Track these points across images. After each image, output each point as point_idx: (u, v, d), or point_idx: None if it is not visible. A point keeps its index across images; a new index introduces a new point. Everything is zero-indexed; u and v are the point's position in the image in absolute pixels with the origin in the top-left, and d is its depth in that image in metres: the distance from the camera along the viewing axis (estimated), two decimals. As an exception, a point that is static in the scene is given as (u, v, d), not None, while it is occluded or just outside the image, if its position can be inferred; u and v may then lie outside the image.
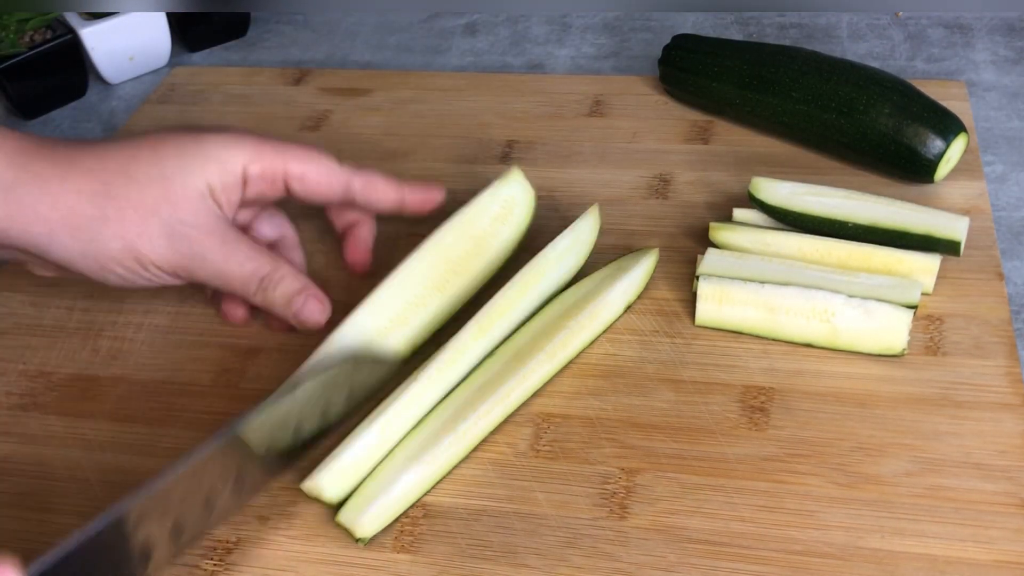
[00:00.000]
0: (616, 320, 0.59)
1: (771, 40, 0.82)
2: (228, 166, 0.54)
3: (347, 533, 0.49)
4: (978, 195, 0.64)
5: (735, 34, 0.84)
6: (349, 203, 0.59)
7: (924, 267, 0.57)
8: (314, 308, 0.56)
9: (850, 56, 0.79)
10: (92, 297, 0.65)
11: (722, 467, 0.51)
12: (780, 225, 0.61)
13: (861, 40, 0.82)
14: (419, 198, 0.60)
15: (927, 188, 0.65)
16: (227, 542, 0.51)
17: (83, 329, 0.63)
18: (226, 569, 0.49)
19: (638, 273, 0.59)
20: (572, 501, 0.50)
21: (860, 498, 0.49)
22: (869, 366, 0.55)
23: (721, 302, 0.56)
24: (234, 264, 0.54)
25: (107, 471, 0.54)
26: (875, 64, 0.78)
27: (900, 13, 0.84)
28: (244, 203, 0.57)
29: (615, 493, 0.50)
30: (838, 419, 0.52)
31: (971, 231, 0.60)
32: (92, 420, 0.57)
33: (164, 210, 0.51)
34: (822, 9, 0.85)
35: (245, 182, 0.55)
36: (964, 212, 0.62)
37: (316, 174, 0.57)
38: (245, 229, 0.60)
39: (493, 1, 0.90)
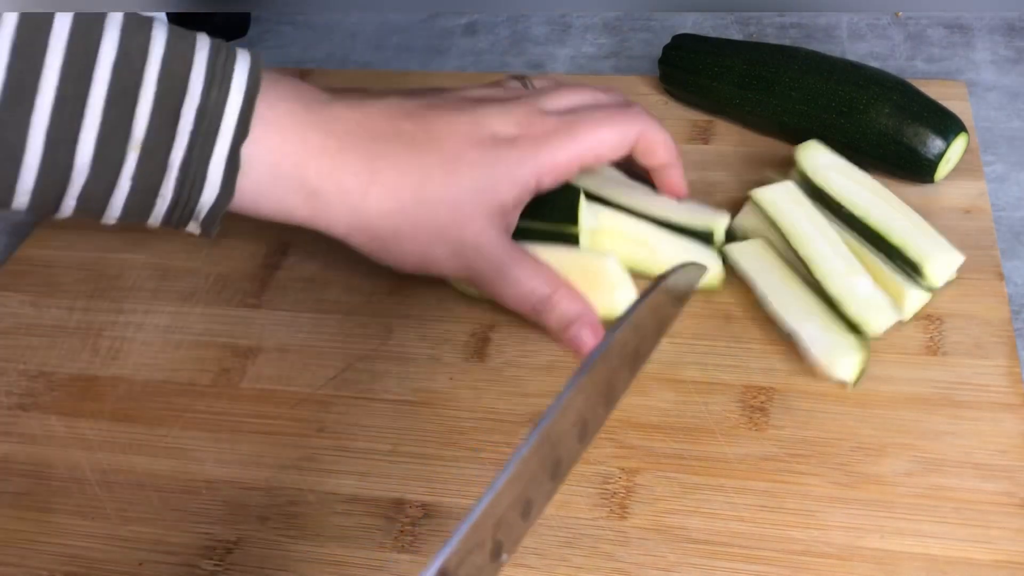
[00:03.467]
0: (616, 320, 0.59)
1: (771, 40, 0.82)
2: (522, 184, 0.53)
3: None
4: (978, 195, 0.64)
5: (735, 34, 0.84)
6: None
7: (911, 294, 0.56)
8: (588, 337, 0.52)
9: (850, 56, 0.79)
10: (92, 297, 0.65)
11: (722, 467, 0.51)
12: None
13: (861, 40, 0.82)
14: (676, 182, 0.60)
15: (927, 188, 0.65)
16: (227, 542, 0.51)
17: (83, 329, 0.63)
18: (226, 569, 0.49)
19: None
20: (572, 501, 0.50)
21: (860, 498, 0.49)
22: (869, 366, 0.55)
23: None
24: (511, 286, 0.53)
25: (107, 471, 0.54)
26: (875, 64, 0.78)
27: (900, 13, 0.84)
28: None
29: (615, 493, 0.50)
30: (838, 419, 0.53)
31: (971, 231, 0.60)
32: (92, 420, 0.57)
33: (451, 233, 0.51)
34: (822, 9, 0.85)
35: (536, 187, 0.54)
36: (964, 212, 0.62)
37: (610, 150, 0.55)
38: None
39: (493, 1, 0.89)
